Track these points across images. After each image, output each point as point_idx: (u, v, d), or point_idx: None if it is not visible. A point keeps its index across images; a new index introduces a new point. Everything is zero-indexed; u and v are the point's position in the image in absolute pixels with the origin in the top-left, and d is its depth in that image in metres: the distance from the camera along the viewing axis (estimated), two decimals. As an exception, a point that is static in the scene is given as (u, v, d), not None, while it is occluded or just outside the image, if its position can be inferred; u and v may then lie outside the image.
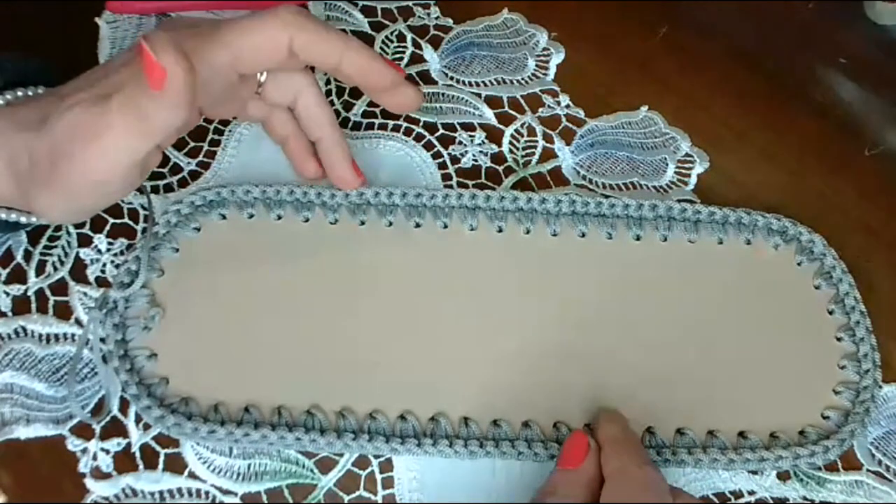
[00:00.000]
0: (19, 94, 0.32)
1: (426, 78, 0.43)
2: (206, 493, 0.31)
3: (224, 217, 0.36)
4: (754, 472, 0.33)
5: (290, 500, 0.32)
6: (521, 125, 0.41)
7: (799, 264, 0.37)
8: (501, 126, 0.41)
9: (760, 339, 0.35)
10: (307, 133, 0.36)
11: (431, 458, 0.32)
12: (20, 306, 0.34)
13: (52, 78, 0.33)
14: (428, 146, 0.40)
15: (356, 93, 0.41)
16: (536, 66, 0.44)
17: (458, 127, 0.41)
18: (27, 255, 0.35)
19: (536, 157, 0.41)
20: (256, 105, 0.35)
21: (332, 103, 0.41)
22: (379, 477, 0.32)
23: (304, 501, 0.32)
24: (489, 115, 0.42)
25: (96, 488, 0.31)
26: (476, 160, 0.40)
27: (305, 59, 0.32)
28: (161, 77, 0.26)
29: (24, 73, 0.32)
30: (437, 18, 0.45)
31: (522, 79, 0.43)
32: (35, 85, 0.32)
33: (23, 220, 0.33)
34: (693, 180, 0.41)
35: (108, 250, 0.36)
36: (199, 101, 0.29)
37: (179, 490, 0.31)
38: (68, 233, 0.36)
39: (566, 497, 0.28)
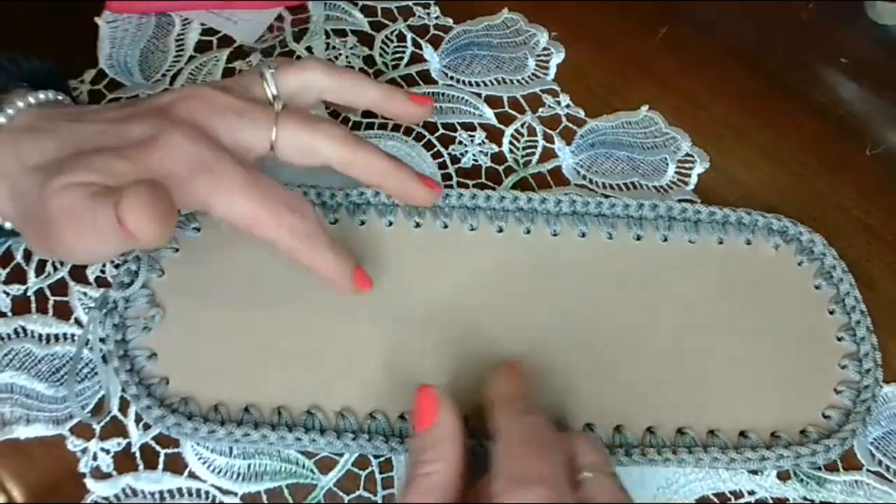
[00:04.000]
0: (32, 100, 0.31)
1: (426, 78, 0.43)
2: (206, 493, 0.31)
3: (224, 217, 0.36)
4: (755, 472, 0.33)
5: (290, 500, 0.32)
6: (522, 125, 0.41)
7: (799, 264, 0.37)
8: (501, 126, 0.41)
9: (761, 339, 0.35)
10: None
11: (431, 458, 0.32)
12: (20, 306, 0.34)
13: (56, 80, 0.32)
14: (428, 146, 0.40)
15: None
16: (536, 65, 0.44)
17: (458, 127, 0.41)
18: (27, 255, 0.35)
19: (536, 156, 0.41)
20: None
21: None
22: (379, 477, 0.32)
23: (304, 501, 0.32)
24: (489, 115, 0.42)
25: (96, 488, 0.31)
26: (476, 160, 0.40)
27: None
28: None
29: (30, 74, 0.32)
30: (437, 18, 0.45)
31: (522, 79, 0.43)
32: (41, 87, 0.31)
33: None
34: (693, 180, 0.41)
35: (108, 250, 0.36)
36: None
37: (179, 490, 0.31)
38: (68, 233, 0.36)
39: (435, 461, 0.26)
